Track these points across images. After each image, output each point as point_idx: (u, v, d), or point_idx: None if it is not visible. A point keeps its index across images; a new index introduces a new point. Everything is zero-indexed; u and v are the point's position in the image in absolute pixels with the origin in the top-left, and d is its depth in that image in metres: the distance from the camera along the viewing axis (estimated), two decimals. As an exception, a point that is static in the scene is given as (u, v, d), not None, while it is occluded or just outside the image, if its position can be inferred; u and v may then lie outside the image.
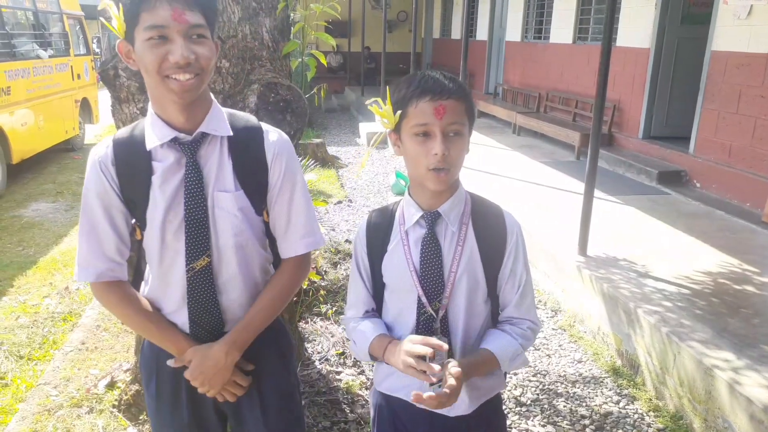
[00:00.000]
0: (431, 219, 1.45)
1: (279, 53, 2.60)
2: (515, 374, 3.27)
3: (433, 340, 1.34)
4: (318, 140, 8.68)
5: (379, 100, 1.45)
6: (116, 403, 2.84)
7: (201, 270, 1.44)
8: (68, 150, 9.70)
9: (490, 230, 1.48)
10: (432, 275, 1.44)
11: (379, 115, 1.42)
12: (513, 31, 10.69)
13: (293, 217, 1.52)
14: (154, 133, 1.40)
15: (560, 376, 3.27)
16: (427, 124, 1.35)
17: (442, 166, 1.35)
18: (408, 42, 17.42)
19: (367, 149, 1.94)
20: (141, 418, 2.75)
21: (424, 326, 1.46)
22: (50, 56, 8.76)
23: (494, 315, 1.54)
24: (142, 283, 1.56)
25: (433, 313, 1.44)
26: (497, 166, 6.73)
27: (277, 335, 1.63)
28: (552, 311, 4.06)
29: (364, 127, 10.73)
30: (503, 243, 1.48)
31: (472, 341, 1.50)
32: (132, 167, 1.42)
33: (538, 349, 3.56)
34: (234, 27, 2.42)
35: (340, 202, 6.59)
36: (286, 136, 1.55)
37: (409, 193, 1.49)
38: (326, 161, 8.26)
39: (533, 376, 3.26)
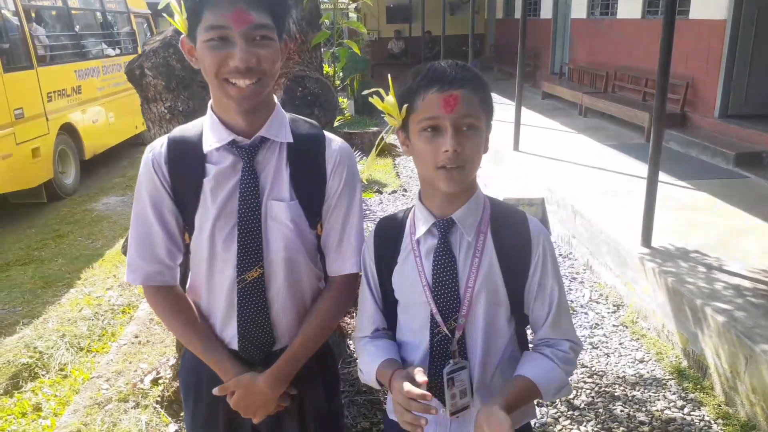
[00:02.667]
0: (444, 227, 1.29)
1: (308, 45, 2.51)
2: (569, 375, 3.08)
3: (415, 390, 1.18)
4: (375, 128, 8.59)
5: (381, 90, 1.31)
6: (159, 399, 2.87)
7: (252, 282, 1.36)
8: (139, 144, 10.05)
9: (512, 239, 1.31)
10: (446, 290, 1.28)
11: (381, 109, 1.28)
12: (578, 8, 10.19)
13: (347, 233, 1.43)
14: (212, 134, 1.34)
15: (618, 377, 3.05)
16: (436, 117, 1.20)
17: (453, 164, 1.20)
18: (474, 24, 17.12)
19: (382, 138, 1.82)
20: (182, 415, 2.76)
21: (439, 348, 1.31)
22: (118, 54, 9.08)
23: (520, 335, 1.38)
24: (187, 288, 1.48)
25: (448, 332, 1.29)
26: (560, 150, 6.42)
27: (324, 363, 1.53)
28: (614, 306, 3.81)
29: (424, 114, 10.54)
30: (527, 254, 1.30)
31: (492, 366, 1.33)
32: (185, 168, 1.35)
33: (596, 348, 3.34)
34: (259, 18, 2.34)
35: (394, 191, 6.49)
36: (347, 145, 1.46)
37: (419, 199, 1.34)
38: (383, 150, 8.17)
39: (589, 377, 3.06)
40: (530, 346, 1.40)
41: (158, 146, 1.38)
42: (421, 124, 1.22)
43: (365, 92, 1.37)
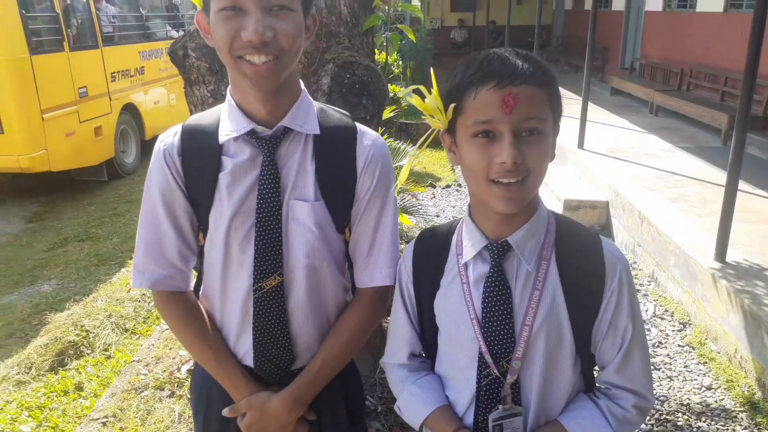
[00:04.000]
0: (498, 252, 1.08)
1: (359, 29, 2.36)
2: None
3: None
4: (433, 119, 8.35)
5: (422, 87, 1.12)
6: (193, 390, 2.81)
7: (271, 291, 1.21)
8: (198, 126, 10.19)
9: (582, 268, 1.09)
10: (499, 327, 1.08)
11: (422, 110, 1.09)
12: (654, 0, 9.63)
13: (378, 239, 1.26)
14: (229, 122, 1.19)
15: (682, 404, 2.79)
16: (491, 120, 0.98)
17: (511, 178, 0.99)
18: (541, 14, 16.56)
19: (411, 155, 1.61)
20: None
21: (488, 392, 1.10)
22: (182, 37, 9.19)
23: (587, 377, 1.16)
24: (200, 295, 1.34)
25: (499, 375, 1.09)
26: (628, 150, 6.06)
27: (347, 382, 1.37)
28: (680, 324, 3.52)
29: (485, 106, 10.24)
30: (600, 286, 1.08)
31: (552, 413, 1.13)
32: (200, 160, 1.21)
33: (658, 369, 3.08)
34: (309, 0, 2.21)
35: (448, 186, 6.29)
36: (383, 141, 1.29)
37: (469, 214, 1.13)
38: (440, 142, 7.92)
39: (648, 401, 2.81)
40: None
41: (171, 136, 1.23)
42: (472, 128, 1.01)
43: (405, 92, 1.17)
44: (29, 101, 5.66)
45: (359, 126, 1.28)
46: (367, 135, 1.27)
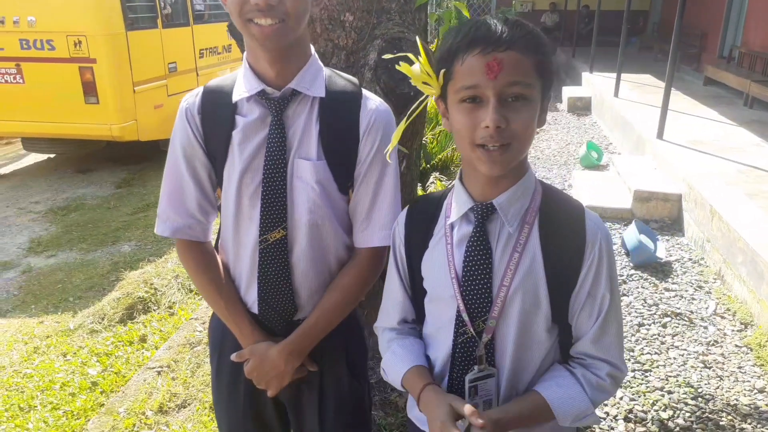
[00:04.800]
0: (482, 213, 1.11)
1: (411, 5, 2.38)
2: (668, 392, 2.75)
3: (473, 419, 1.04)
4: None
5: (410, 55, 1.16)
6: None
7: (275, 243, 1.29)
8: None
9: (563, 235, 1.11)
10: (477, 286, 1.11)
11: (409, 75, 1.12)
12: (762, -17, 8.92)
13: (378, 202, 1.33)
14: (243, 83, 1.28)
15: (729, 404, 2.67)
16: (477, 86, 1.01)
17: (495, 142, 1.01)
18: (636, 0, 15.72)
19: (401, 125, 1.62)
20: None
21: (462, 351, 1.14)
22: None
23: (565, 346, 1.18)
24: (218, 247, 1.45)
25: (474, 334, 1.12)
26: (712, 143, 5.72)
27: (349, 338, 1.45)
28: (741, 324, 3.34)
29: (567, 92, 9.96)
30: (579, 254, 1.10)
31: (526, 378, 1.15)
32: (216, 118, 1.31)
33: (709, 367, 2.95)
34: (359, -23, 2.25)
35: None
36: (387, 107, 1.35)
37: (460, 178, 1.17)
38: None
39: (692, 398, 2.71)
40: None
41: (193, 96, 1.34)
42: (459, 93, 1.04)
43: (388, 56, 1.20)
44: (123, 74, 6.06)
45: (365, 92, 1.33)
46: (372, 100, 1.33)
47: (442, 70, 1.07)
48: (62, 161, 7.20)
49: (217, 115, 1.30)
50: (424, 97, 1.16)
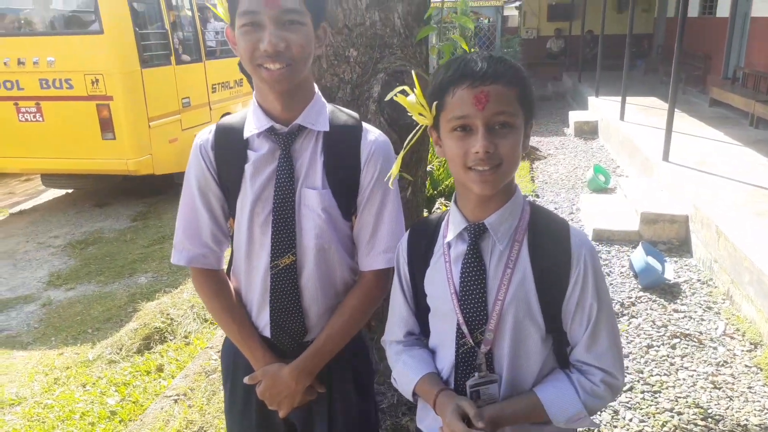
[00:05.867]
0: (475, 232, 1.21)
1: (412, 40, 2.49)
2: (678, 413, 2.77)
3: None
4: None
5: (406, 87, 1.25)
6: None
7: (285, 268, 1.38)
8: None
9: (551, 251, 1.20)
10: (473, 300, 1.21)
11: (406, 107, 1.23)
12: (763, 5, 9.04)
13: (380, 227, 1.42)
14: (253, 120, 1.39)
15: (739, 425, 2.68)
16: (467, 116, 1.12)
17: (485, 166, 1.12)
18: (641, 23, 15.90)
19: (400, 154, 1.71)
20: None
21: (464, 360, 1.24)
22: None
23: (561, 355, 1.26)
24: (231, 274, 1.54)
25: (473, 344, 1.22)
26: (718, 164, 5.76)
27: (356, 358, 1.52)
28: (750, 344, 3.35)
29: (574, 116, 10.06)
30: (566, 268, 1.19)
31: (524, 384, 1.24)
32: (229, 153, 1.40)
33: (719, 388, 2.96)
34: (361, 14, 2.37)
35: (525, 196, 6.22)
36: (386, 138, 1.46)
37: (454, 201, 1.27)
38: (526, 155, 7.88)
39: (701, 419, 2.72)
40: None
41: (206, 133, 1.44)
42: (451, 123, 1.15)
43: (392, 93, 1.30)
44: (139, 110, 6.24)
45: (365, 125, 1.44)
46: (371, 132, 1.43)
47: (435, 102, 1.18)
48: (80, 196, 7.37)
49: (229, 150, 1.40)
50: (419, 126, 1.26)
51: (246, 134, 1.38)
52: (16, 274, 5.06)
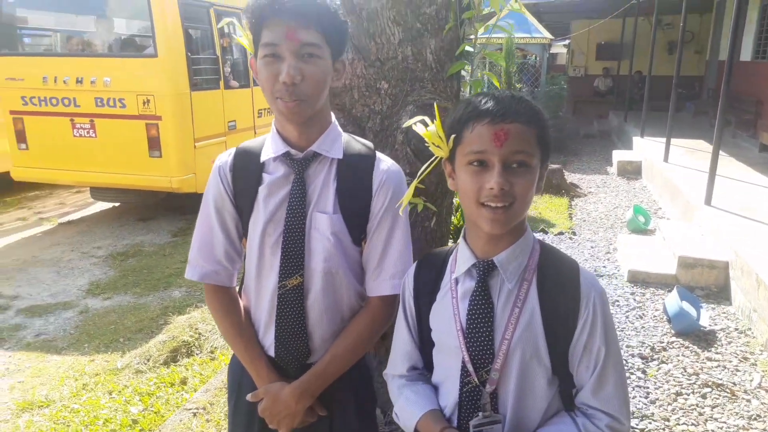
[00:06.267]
0: (484, 269, 1.21)
1: (443, 74, 2.54)
2: (704, 465, 2.66)
3: None
4: (555, 166, 8.27)
5: (426, 119, 1.29)
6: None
7: (292, 289, 1.42)
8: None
9: (559, 292, 1.19)
10: (480, 339, 1.20)
11: (426, 139, 1.26)
12: (820, 51, 8.81)
13: (388, 254, 1.45)
14: (270, 145, 1.45)
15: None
16: (484, 151, 1.13)
17: (498, 203, 1.12)
18: (692, 65, 15.67)
19: (411, 186, 1.74)
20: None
21: (468, 399, 1.22)
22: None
23: (567, 396, 1.24)
24: (241, 292, 1.58)
25: (478, 383, 1.20)
26: (762, 210, 5.57)
27: (358, 383, 1.54)
28: (786, 398, 3.21)
29: (617, 155, 9.93)
30: (575, 310, 1.18)
31: (527, 428, 1.21)
32: (245, 175, 1.46)
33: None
34: (394, 49, 2.44)
35: (561, 233, 6.18)
36: (398, 168, 1.50)
37: (463, 236, 1.28)
38: (561, 188, 7.83)
39: (727, 473, 2.61)
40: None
41: (226, 156, 1.50)
42: (468, 157, 1.16)
43: (409, 122, 1.34)
44: (185, 131, 6.48)
45: (378, 154, 1.48)
46: (384, 162, 1.47)
47: (453, 135, 1.20)
48: (125, 210, 7.64)
49: (246, 172, 1.46)
50: (434, 158, 1.29)
51: (263, 158, 1.44)
52: (59, 281, 5.26)
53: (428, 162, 1.32)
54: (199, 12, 6.81)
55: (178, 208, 7.44)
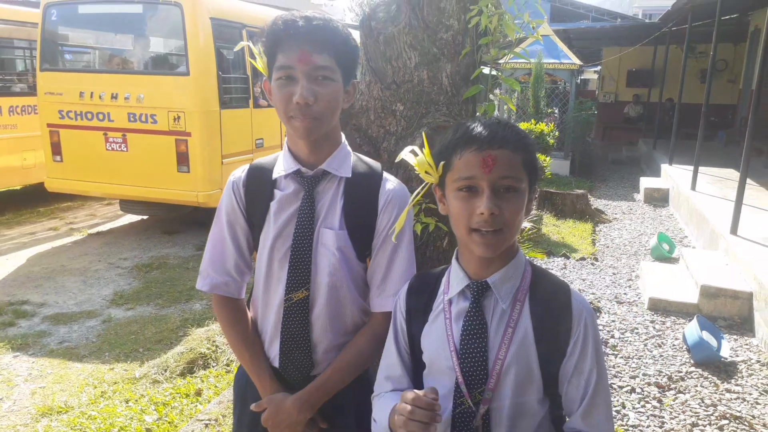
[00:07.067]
0: (478, 290, 1.24)
1: (459, 98, 2.59)
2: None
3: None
4: (580, 191, 8.21)
5: (415, 148, 1.32)
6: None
7: (298, 302, 1.47)
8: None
9: (551, 312, 1.22)
10: (474, 359, 1.22)
11: (415, 166, 1.29)
12: None
13: (393, 270, 1.49)
14: (282, 162, 1.51)
15: None
16: (473, 177, 1.17)
17: (488, 227, 1.16)
18: (725, 94, 15.46)
19: (407, 207, 1.74)
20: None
21: (461, 420, 1.23)
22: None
23: (556, 417, 1.26)
24: (250, 305, 1.63)
25: (472, 405, 1.22)
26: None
27: (359, 396, 1.55)
28: (807, 435, 3.12)
29: (645, 182, 9.82)
30: (567, 331, 1.20)
31: None
32: (258, 191, 1.52)
33: (764, 478, 2.77)
34: (410, 72, 2.49)
35: (583, 258, 6.12)
36: (404, 187, 1.55)
37: (456, 258, 1.31)
38: (585, 214, 7.76)
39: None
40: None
41: (240, 172, 1.56)
42: (457, 183, 1.20)
43: (402, 154, 1.37)
44: (213, 147, 6.63)
45: (385, 174, 1.53)
46: (390, 182, 1.51)
47: (442, 162, 1.24)
48: (152, 222, 7.82)
49: (258, 188, 1.52)
50: (425, 184, 1.33)
51: (275, 175, 1.50)
52: (85, 290, 5.40)
53: (420, 187, 1.36)
54: (232, 33, 7.00)
55: (203, 222, 7.57)
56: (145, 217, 7.95)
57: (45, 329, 4.56)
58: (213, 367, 3.95)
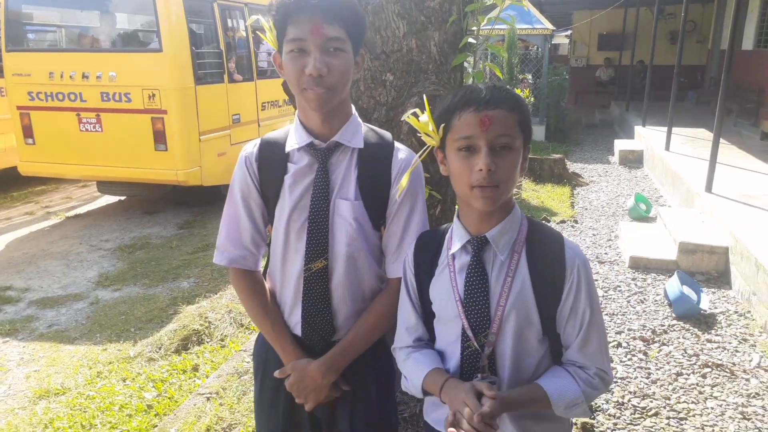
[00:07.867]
0: (478, 245, 1.33)
1: (447, 66, 2.61)
2: (703, 442, 2.74)
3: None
4: (557, 156, 8.33)
5: (418, 110, 1.37)
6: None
7: (317, 271, 1.50)
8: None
9: (547, 261, 1.31)
10: (477, 307, 1.32)
11: (417, 128, 1.35)
12: (821, 38, 8.83)
13: (407, 237, 1.52)
14: (294, 136, 1.52)
15: (764, 457, 2.65)
16: (471, 137, 1.24)
17: (487, 183, 1.23)
18: (694, 55, 15.66)
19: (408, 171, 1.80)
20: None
21: (469, 362, 1.34)
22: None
23: (556, 355, 1.37)
24: (266, 276, 1.66)
25: (478, 347, 1.32)
26: (762, 197, 5.62)
27: (378, 362, 1.62)
28: (784, 378, 3.28)
29: (619, 144, 9.98)
30: (561, 277, 1.30)
31: (523, 383, 1.34)
32: (271, 165, 1.54)
33: (748, 419, 2.92)
34: (399, 41, 2.50)
35: (563, 221, 6.25)
36: (414, 155, 1.57)
37: (457, 216, 1.39)
38: (563, 178, 7.89)
39: (725, 449, 2.69)
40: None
41: (251, 147, 1.58)
42: (457, 143, 1.27)
43: (404, 116, 1.41)
44: (190, 124, 6.54)
45: (396, 144, 1.56)
46: (401, 150, 1.55)
47: (442, 125, 1.30)
48: (132, 203, 7.73)
49: (271, 162, 1.54)
50: (426, 147, 1.37)
51: (287, 148, 1.52)
52: (69, 273, 5.35)
53: (422, 150, 1.40)
54: (204, 7, 6.87)
55: (183, 200, 7.52)
56: (123, 198, 7.86)
57: (32, 314, 4.53)
58: (207, 342, 3.98)
